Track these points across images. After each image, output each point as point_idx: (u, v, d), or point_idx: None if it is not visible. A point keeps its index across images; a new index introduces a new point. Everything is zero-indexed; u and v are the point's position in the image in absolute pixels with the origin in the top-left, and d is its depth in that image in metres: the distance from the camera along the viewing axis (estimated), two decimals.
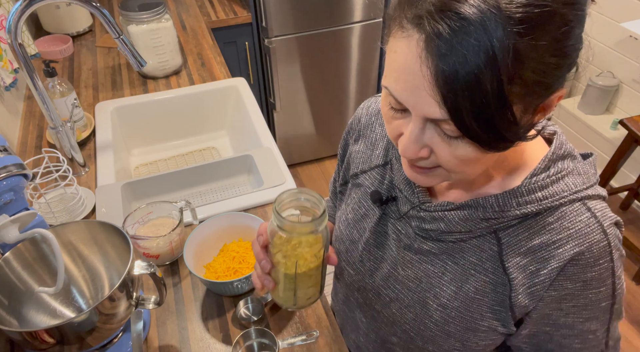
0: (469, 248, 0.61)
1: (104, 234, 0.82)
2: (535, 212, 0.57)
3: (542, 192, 0.56)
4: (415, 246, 0.66)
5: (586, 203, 0.57)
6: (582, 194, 0.56)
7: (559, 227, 0.56)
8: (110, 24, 1.07)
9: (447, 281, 0.64)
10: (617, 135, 2.39)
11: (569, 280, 0.57)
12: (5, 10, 1.42)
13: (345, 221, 0.77)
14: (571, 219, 0.56)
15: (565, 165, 0.58)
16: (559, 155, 0.58)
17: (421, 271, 0.66)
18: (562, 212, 0.56)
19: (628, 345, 1.90)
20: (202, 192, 1.31)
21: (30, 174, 0.84)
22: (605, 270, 0.57)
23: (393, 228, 0.69)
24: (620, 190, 2.29)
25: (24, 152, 1.34)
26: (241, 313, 0.92)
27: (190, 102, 1.54)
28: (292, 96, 2.42)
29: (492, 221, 0.58)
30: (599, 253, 0.56)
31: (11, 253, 0.78)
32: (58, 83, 1.30)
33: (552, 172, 0.57)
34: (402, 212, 0.66)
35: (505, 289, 0.60)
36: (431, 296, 0.65)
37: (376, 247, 0.71)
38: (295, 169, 2.74)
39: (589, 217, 0.56)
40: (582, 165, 0.59)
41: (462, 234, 0.61)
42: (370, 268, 0.72)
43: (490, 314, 0.62)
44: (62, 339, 0.70)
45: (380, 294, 0.72)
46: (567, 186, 0.56)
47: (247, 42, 2.19)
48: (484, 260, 0.61)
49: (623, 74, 2.40)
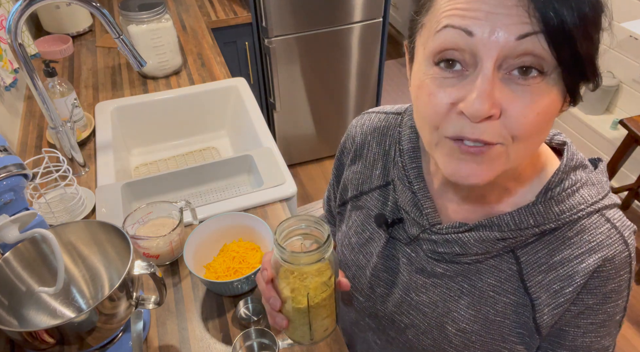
0: (486, 269, 0.59)
1: (104, 234, 0.82)
2: (554, 228, 0.55)
3: (559, 207, 0.54)
4: (428, 269, 0.63)
5: (604, 214, 0.55)
6: (599, 205, 0.54)
7: (579, 241, 0.54)
8: (110, 24, 1.07)
9: (464, 305, 0.61)
10: (617, 135, 2.39)
11: (590, 293, 0.54)
12: (5, 10, 1.42)
13: (349, 245, 0.73)
14: (591, 232, 0.54)
15: (578, 176, 0.55)
16: (571, 167, 0.56)
17: (436, 295, 0.63)
18: (581, 225, 0.54)
19: (628, 345, 1.90)
20: (202, 192, 1.31)
21: (30, 174, 0.84)
22: (624, 281, 0.55)
23: (402, 252, 0.66)
24: (620, 190, 2.29)
25: (24, 152, 1.34)
26: (241, 313, 0.92)
27: (190, 102, 1.54)
28: (292, 96, 2.42)
29: (510, 240, 0.55)
30: (621, 264, 0.54)
31: (11, 253, 0.78)
32: (58, 83, 1.30)
33: (566, 185, 0.54)
34: (411, 235, 0.63)
35: (527, 310, 0.57)
36: (449, 321, 0.62)
37: (385, 272, 0.68)
38: (295, 169, 2.74)
39: (609, 228, 0.54)
40: (595, 175, 0.57)
41: (478, 256, 0.58)
42: (381, 294, 0.69)
43: (513, 337, 0.59)
44: (62, 339, 0.70)
45: (394, 321, 0.68)
46: (584, 198, 0.54)
47: (247, 42, 2.19)
48: (503, 281, 0.58)
49: (623, 74, 2.40)
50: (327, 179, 2.69)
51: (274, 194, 1.16)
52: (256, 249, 1.00)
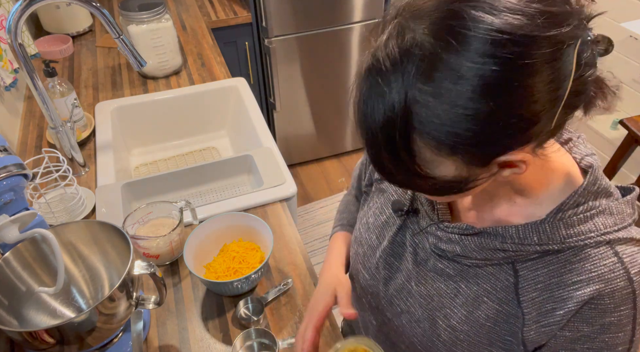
0: (484, 275, 0.59)
1: (104, 234, 0.82)
2: (558, 250, 0.54)
3: (567, 231, 0.53)
4: (431, 262, 0.64)
5: (614, 247, 0.53)
6: (612, 237, 0.53)
7: (580, 269, 0.53)
8: (110, 24, 1.07)
9: (458, 304, 0.62)
10: (617, 135, 2.39)
11: (586, 323, 0.54)
12: (5, 10, 1.42)
13: (366, 224, 0.75)
14: (595, 262, 0.52)
15: (597, 203, 0.54)
16: (591, 192, 0.54)
17: (434, 289, 0.64)
18: (586, 253, 0.53)
19: None
20: (202, 192, 1.31)
21: (30, 174, 0.84)
22: (625, 317, 0.53)
23: (411, 241, 0.67)
24: None
25: (24, 152, 1.34)
26: (241, 313, 0.92)
27: (190, 102, 1.54)
28: (292, 96, 2.42)
29: (510, 252, 0.56)
30: (621, 300, 0.52)
31: (11, 253, 0.78)
32: (58, 83, 1.30)
33: (580, 210, 0.53)
34: (421, 226, 0.65)
35: (518, 321, 0.58)
36: (441, 316, 0.63)
37: (393, 256, 0.70)
38: (295, 169, 2.74)
39: (615, 262, 0.52)
40: (618, 205, 0.55)
41: (479, 261, 0.59)
42: (385, 276, 0.71)
43: (500, 344, 0.60)
44: (62, 339, 0.70)
45: (392, 303, 0.71)
46: (596, 226, 0.53)
47: (247, 42, 2.19)
48: (499, 289, 0.58)
49: (623, 74, 2.40)
50: (327, 179, 2.69)
51: (274, 194, 1.16)
52: (256, 249, 1.00)
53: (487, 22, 0.40)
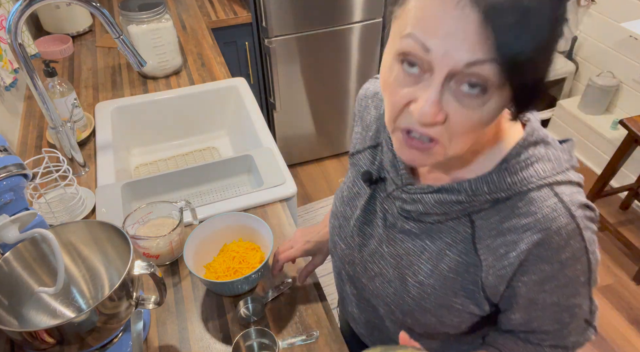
0: (446, 229, 0.64)
1: (104, 234, 0.82)
2: (506, 197, 0.59)
3: (511, 178, 0.58)
4: (399, 225, 0.69)
5: (554, 188, 0.58)
6: (551, 180, 0.58)
7: (527, 212, 0.58)
8: (110, 24, 1.07)
9: (424, 260, 0.67)
10: (617, 135, 2.39)
11: (546, 263, 0.59)
12: (5, 10, 1.42)
13: (341, 198, 0.81)
14: (538, 204, 0.58)
15: (536, 151, 0.59)
16: (531, 142, 0.60)
17: (402, 249, 0.69)
18: (530, 197, 0.58)
19: (628, 345, 1.90)
20: (202, 192, 1.31)
21: (30, 174, 0.84)
22: (578, 249, 0.59)
23: (381, 207, 0.72)
24: (620, 190, 2.29)
25: (24, 152, 1.34)
26: (241, 313, 0.92)
27: (190, 102, 1.54)
28: (292, 96, 2.42)
29: (465, 204, 0.61)
30: (568, 235, 0.57)
31: (11, 253, 0.78)
32: (58, 83, 1.30)
33: (522, 158, 0.59)
34: (388, 192, 0.70)
35: (478, 269, 0.63)
36: (410, 273, 0.68)
37: (365, 224, 0.75)
38: (295, 169, 2.74)
39: (556, 202, 0.57)
40: (554, 152, 0.60)
41: (439, 216, 0.64)
42: (359, 243, 0.76)
43: (464, 293, 0.65)
44: (62, 339, 0.70)
45: (366, 269, 0.75)
46: (537, 172, 0.58)
47: (247, 42, 2.19)
48: (458, 241, 0.63)
49: (623, 74, 2.40)
50: (327, 179, 2.69)
51: (274, 194, 1.16)
52: (256, 249, 1.00)
53: None
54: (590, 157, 2.59)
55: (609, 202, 2.44)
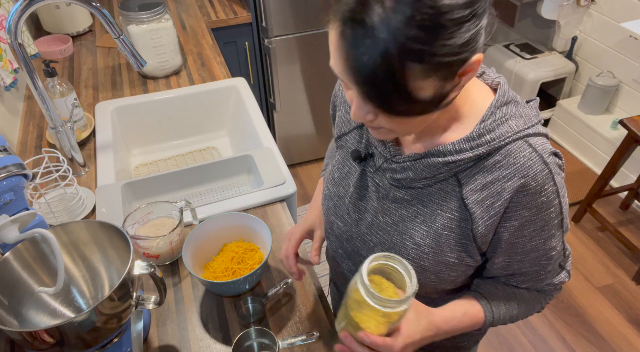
0: (435, 191, 0.70)
1: (104, 234, 0.82)
2: (487, 153, 0.65)
3: (489, 135, 0.64)
4: (391, 195, 0.74)
5: (527, 140, 0.65)
6: (524, 133, 0.65)
7: (506, 164, 0.64)
8: (110, 24, 1.07)
9: (419, 223, 0.72)
10: (617, 135, 2.39)
11: (525, 208, 0.65)
12: (5, 10, 1.42)
13: (332, 179, 0.85)
14: (516, 155, 0.64)
15: (508, 110, 0.66)
16: (503, 102, 0.66)
17: (397, 216, 0.74)
18: (507, 150, 0.65)
19: (628, 345, 1.90)
20: (202, 192, 1.31)
21: (30, 174, 0.84)
22: (551, 193, 0.65)
23: (372, 181, 0.77)
24: (620, 190, 2.29)
25: (24, 152, 1.34)
26: (241, 313, 0.92)
27: (190, 102, 1.54)
28: (292, 96, 2.42)
29: (451, 164, 0.66)
30: (543, 180, 0.64)
31: (11, 253, 0.78)
32: (58, 83, 1.30)
33: (497, 116, 0.65)
34: (377, 165, 0.75)
35: (468, 223, 0.68)
36: (407, 237, 0.73)
37: (359, 200, 0.79)
38: (295, 169, 2.74)
39: (531, 151, 0.64)
40: (523, 109, 0.67)
41: (428, 180, 0.69)
42: (355, 218, 0.80)
43: (459, 247, 0.71)
44: (62, 339, 0.70)
45: (365, 241, 0.80)
46: (511, 127, 0.65)
47: (247, 42, 2.19)
48: (448, 200, 0.69)
49: (623, 74, 2.40)
50: None
51: (273, 194, 1.16)
52: (255, 249, 1.00)
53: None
54: (590, 157, 2.59)
55: (609, 202, 2.44)
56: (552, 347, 1.89)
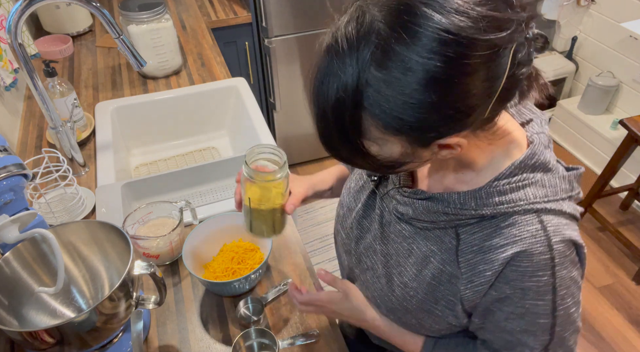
0: (432, 237, 0.65)
1: (104, 234, 0.82)
2: (492, 216, 0.59)
3: (499, 198, 0.58)
4: (393, 224, 0.71)
5: (540, 216, 0.57)
6: (539, 206, 0.57)
7: (507, 234, 0.58)
8: (110, 24, 1.07)
9: (411, 263, 0.68)
10: (617, 135, 2.39)
11: (508, 285, 0.59)
12: (5, 10, 1.42)
13: (349, 189, 0.82)
14: (520, 228, 0.57)
15: (531, 175, 0.58)
16: (528, 165, 0.58)
17: (393, 248, 0.71)
18: (514, 219, 0.58)
19: (628, 345, 1.90)
20: (202, 192, 1.31)
21: (30, 174, 0.84)
22: (544, 284, 0.57)
23: (379, 204, 0.74)
24: (620, 190, 2.29)
25: (24, 152, 1.34)
26: (241, 313, 0.92)
27: (190, 102, 1.54)
28: (292, 96, 2.42)
29: (451, 216, 0.61)
30: (539, 265, 0.56)
31: (11, 253, 0.78)
32: (58, 83, 1.30)
33: (514, 180, 0.58)
34: (387, 190, 0.72)
35: (458, 281, 0.63)
36: (396, 273, 0.70)
37: (364, 218, 0.77)
38: (295, 169, 2.74)
39: (538, 229, 0.57)
40: (552, 179, 0.59)
41: (427, 223, 0.65)
42: (357, 235, 0.78)
43: (444, 303, 0.65)
44: (62, 339, 0.70)
45: (360, 261, 0.78)
46: (526, 195, 0.57)
47: (247, 42, 2.19)
48: (443, 251, 0.64)
49: (623, 74, 2.40)
50: None
51: None
52: (255, 249, 1.00)
53: (436, 21, 0.45)
54: (590, 157, 2.59)
55: (609, 202, 2.44)
56: None
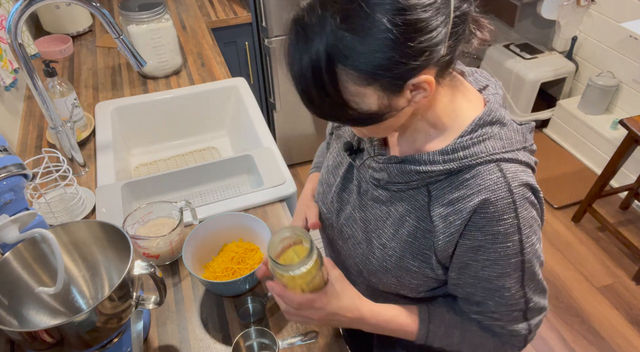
0: (407, 197, 0.70)
1: (104, 234, 0.82)
2: (458, 169, 0.65)
3: (463, 152, 0.64)
4: (370, 192, 0.75)
5: (500, 165, 0.63)
6: (498, 156, 0.64)
7: (472, 184, 0.64)
8: (110, 24, 1.07)
9: (388, 225, 0.73)
10: (617, 135, 2.39)
11: (479, 231, 0.64)
12: (5, 10, 1.42)
13: (327, 167, 0.87)
14: (483, 177, 0.63)
15: (489, 130, 0.65)
16: (487, 121, 0.65)
17: (371, 214, 0.75)
18: (477, 170, 0.64)
19: (628, 345, 1.90)
20: (202, 192, 1.31)
21: (30, 174, 0.84)
22: (510, 226, 0.63)
23: (357, 175, 0.78)
24: (620, 190, 2.29)
25: (24, 152, 1.34)
26: (241, 313, 0.92)
27: (190, 102, 1.54)
28: (292, 96, 2.42)
29: (423, 174, 0.66)
30: (503, 209, 0.62)
31: (11, 253, 0.78)
32: (58, 83, 1.30)
33: (475, 135, 0.64)
34: (363, 161, 0.76)
35: (432, 235, 0.68)
36: (375, 236, 0.75)
37: (343, 191, 0.81)
38: (295, 169, 2.74)
39: (499, 176, 0.63)
40: (507, 132, 0.66)
41: (401, 185, 0.70)
42: (337, 208, 0.83)
43: (420, 257, 0.71)
44: (62, 339, 0.70)
45: (342, 232, 0.82)
46: (486, 148, 0.64)
47: (247, 42, 2.19)
48: (417, 209, 0.69)
49: (623, 74, 2.40)
50: None
51: (273, 194, 1.16)
52: (255, 249, 1.00)
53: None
54: (590, 157, 2.59)
55: (609, 202, 2.44)
56: (552, 347, 1.89)
